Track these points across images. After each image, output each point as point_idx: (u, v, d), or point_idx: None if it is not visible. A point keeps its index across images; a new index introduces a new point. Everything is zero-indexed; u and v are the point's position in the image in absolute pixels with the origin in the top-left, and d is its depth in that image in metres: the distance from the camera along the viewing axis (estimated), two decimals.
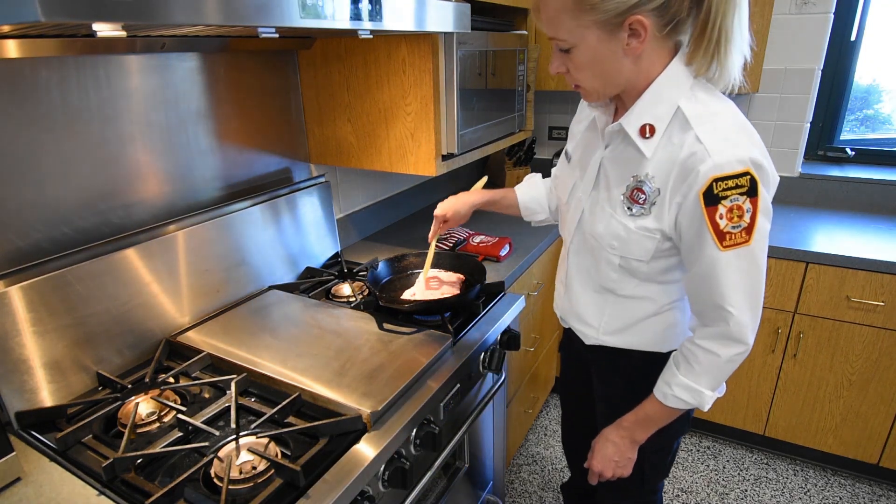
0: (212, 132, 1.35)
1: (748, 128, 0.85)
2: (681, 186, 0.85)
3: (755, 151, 0.81)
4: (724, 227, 0.82)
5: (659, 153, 0.88)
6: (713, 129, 0.83)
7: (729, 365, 0.92)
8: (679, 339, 1.03)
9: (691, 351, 0.93)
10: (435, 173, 1.50)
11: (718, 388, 0.96)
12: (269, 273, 1.47)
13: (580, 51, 0.86)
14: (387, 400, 0.97)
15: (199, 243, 1.27)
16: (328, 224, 1.66)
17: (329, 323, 1.25)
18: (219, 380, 1.06)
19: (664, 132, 0.87)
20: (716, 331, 0.90)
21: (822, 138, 2.38)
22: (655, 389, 0.99)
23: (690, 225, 0.85)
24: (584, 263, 1.06)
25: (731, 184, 0.80)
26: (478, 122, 1.62)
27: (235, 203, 1.37)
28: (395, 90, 1.45)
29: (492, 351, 1.30)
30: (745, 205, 0.81)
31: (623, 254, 0.95)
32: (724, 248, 0.83)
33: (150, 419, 0.98)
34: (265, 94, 1.48)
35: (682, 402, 0.95)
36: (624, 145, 0.93)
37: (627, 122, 0.90)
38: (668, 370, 0.98)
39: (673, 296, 1.00)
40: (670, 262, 0.95)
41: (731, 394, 2.13)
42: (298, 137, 1.61)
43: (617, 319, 1.05)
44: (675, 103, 0.86)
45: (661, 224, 0.89)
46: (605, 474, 1.08)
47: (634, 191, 0.91)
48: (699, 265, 0.87)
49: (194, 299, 1.27)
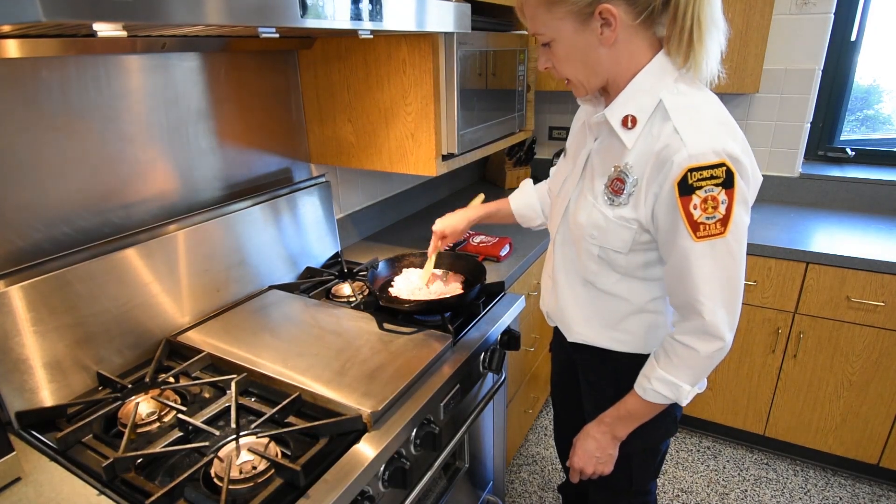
0: (212, 132, 1.35)
1: (729, 122, 0.86)
2: (657, 176, 0.85)
3: (733, 145, 0.82)
4: (698, 218, 0.83)
5: (639, 144, 0.89)
6: (690, 121, 0.83)
7: (708, 361, 0.92)
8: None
9: (671, 345, 0.94)
10: (435, 173, 1.50)
11: (698, 384, 0.97)
12: (269, 273, 1.47)
13: (559, 43, 0.89)
14: (387, 400, 0.97)
15: (200, 243, 1.27)
16: (328, 224, 1.66)
17: (329, 323, 1.25)
18: (219, 379, 1.06)
19: (646, 124, 0.88)
20: (692, 325, 0.91)
21: (822, 138, 2.38)
22: (636, 384, 1.00)
23: (665, 215, 0.86)
24: (568, 255, 1.07)
25: (705, 174, 0.81)
26: (478, 122, 1.62)
27: (236, 203, 1.37)
28: (396, 90, 1.46)
29: (492, 351, 1.30)
30: (720, 196, 0.82)
31: (602, 244, 0.96)
32: (698, 239, 0.84)
33: (150, 419, 0.98)
34: (265, 94, 1.48)
35: (661, 395, 0.96)
36: (609, 137, 0.95)
37: (611, 112, 0.92)
38: (649, 364, 0.99)
39: (653, 293, 1.01)
40: (649, 256, 0.96)
41: (732, 394, 2.13)
42: (298, 137, 1.61)
43: (598, 315, 1.05)
44: (658, 96, 0.87)
45: (638, 214, 0.90)
46: (587, 471, 1.08)
47: (615, 181, 0.92)
48: (674, 256, 0.88)
49: (194, 299, 1.27)
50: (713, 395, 2.16)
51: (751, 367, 2.06)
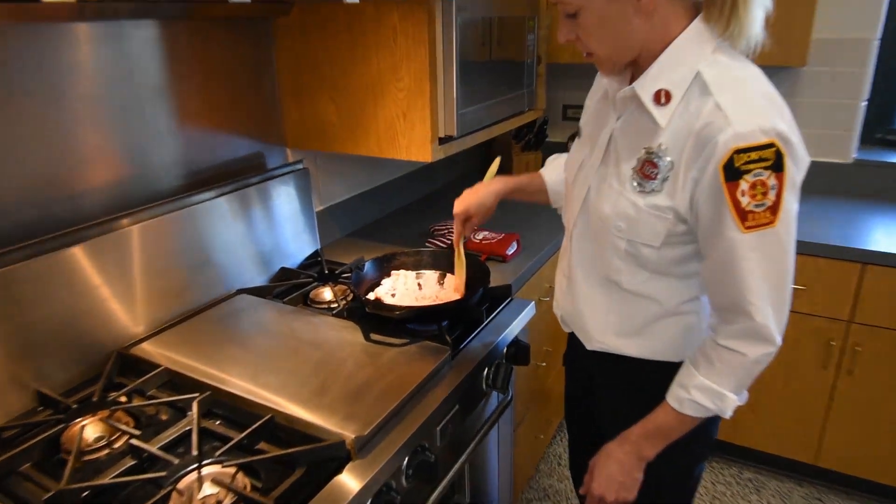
0: (172, 111, 1.35)
1: (776, 98, 0.87)
2: (697, 159, 0.86)
3: (781, 123, 0.83)
4: (746, 206, 0.84)
5: (674, 122, 0.90)
6: (735, 96, 0.84)
7: (756, 366, 0.93)
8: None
9: (714, 349, 0.95)
10: (431, 159, 1.50)
11: (741, 394, 0.97)
12: (238, 274, 1.47)
13: (587, 13, 0.89)
14: (374, 423, 0.97)
15: (157, 240, 1.27)
16: (306, 218, 1.66)
17: (307, 333, 1.25)
18: (178, 399, 1.07)
19: (681, 99, 0.89)
20: (739, 328, 0.91)
21: (880, 120, 2.38)
22: (668, 395, 1.00)
23: (708, 203, 0.87)
24: (587, 250, 1.07)
25: (754, 156, 0.82)
26: (481, 99, 1.63)
27: (199, 193, 1.37)
28: (385, 63, 1.46)
29: (497, 366, 1.30)
30: (769, 180, 0.83)
31: (631, 237, 0.97)
32: (746, 230, 0.85)
33: (98, 444, 0.98)
34: (234, 68, 1.48)
35: (701, 407, 0.96)
36: (637, 114, 0.96)
37: (641, 86, 0.92)
38: (684, 371, 0.99)
39: (689, 293, 1.01)
40: (685, 250, 0.96)
41: (777, 417, 2.13)
42: (272, 118, 1.62)
43: (624, 319, 1.06)
44: (695, 68, 0.88)
45: (675, 202, 0.91)
46: (607, 499, 1.07)
47: (645, 164, 0.93)
48: (717, 250, 0.89)
49: (151, 305, 1.28)
50: (755, 417, 2.16)
51: (799, 385, 2.06)
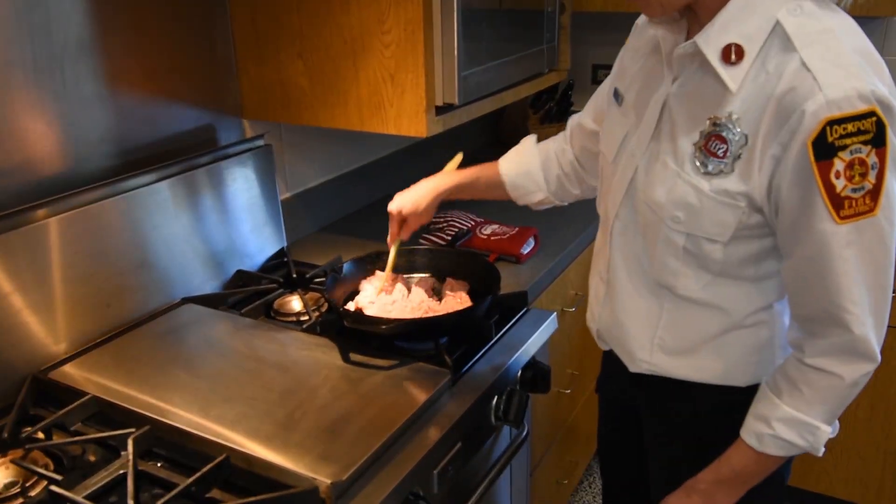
0: (99, 73, 1.35)
1: (873, 54, 0.87)
2: (779, 132, 0.86)
3: (882, 87, 0.83)
4: (842, 191, 0.83)
5: (748, 86, 0.89)
6: (825, 53, 0.84)
7: (853, 389, 0.94)
8: (771, 367, 1.05)
9: (800, 371, 0.95)
10: (426, 133, 1.50)
11: (834, 425, 0.98)
12: (183, 279, 1.47)
13: None
14: (355, 465, 0.98)
15: (82, 235, 1.28)
16: (269, 207, 1.67)
17: (270, 352, 1.26)
18: (110, 435, 1.07)
19: (756, 56, 0.89)
20: (833, 343, 0.92)
21: None
22: (744, 431, 1.00)
23: (793, 187, 0.87)
24: (633, 248, 1.07)
25: (851, 128, 0.81)
26: (489, 58, 1.63)
27: (134, 177, 1.37)
28: (368, 11, 1.46)
29: (509, 394, 1.31)
30: (869, 158, 0.82)
31: (691, 230, 0.97)
32: (842, 220, 0.85)
33: (9, 493, 0.98)
34: (178, 20, 1.48)
35: (787, 444, 0.96)
36: (700, 76, 0.95)
37: (705, 40, 0.92)
38: (763, 401, 0.99)
39: (761, 301, 1.01)
40: (759, 246, 0.96)
41: (860, 458, 2.13)
42: (225, 80, 1.62)
43: (678, 334, 1.06)
44: (773, 16, 0.87)
45: (749, 186, 0.91)
46: None
47: (712, 139, 0.93)
48: (805, 246, 0.89)
49: (74, 318, 1.28)
50: (832, 458, 2.17)
51: (890, 418, 2.07)
